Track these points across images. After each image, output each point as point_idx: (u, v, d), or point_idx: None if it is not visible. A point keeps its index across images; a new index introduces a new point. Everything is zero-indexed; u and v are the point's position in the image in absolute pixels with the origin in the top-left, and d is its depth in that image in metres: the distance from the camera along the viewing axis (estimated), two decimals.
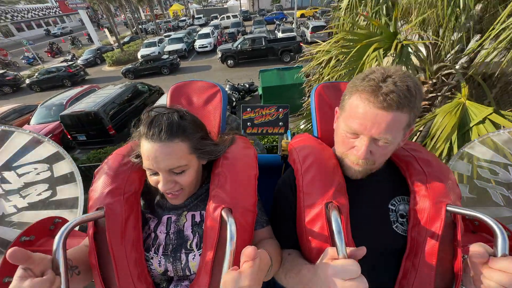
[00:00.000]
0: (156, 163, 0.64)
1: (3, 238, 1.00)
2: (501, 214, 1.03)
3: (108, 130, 6.79)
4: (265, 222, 0.78)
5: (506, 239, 0.51)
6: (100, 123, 6.65)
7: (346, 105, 0.66)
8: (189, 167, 0.69)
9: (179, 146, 0.65)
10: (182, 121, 0.68)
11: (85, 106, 6.77)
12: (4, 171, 1.02)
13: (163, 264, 0.71)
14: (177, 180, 0.68)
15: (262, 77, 7.44)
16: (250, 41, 13.59)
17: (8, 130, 1.05)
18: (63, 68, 14.61)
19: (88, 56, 19.31)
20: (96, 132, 6.82)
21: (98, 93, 7.82)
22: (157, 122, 0.65)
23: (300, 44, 13.60)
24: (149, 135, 0.64)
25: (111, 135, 6.86)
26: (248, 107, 1.32)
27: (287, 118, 1.34)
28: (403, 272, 0.66)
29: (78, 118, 6.62)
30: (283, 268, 0.70)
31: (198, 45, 17.90)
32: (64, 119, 6.71)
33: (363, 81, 0.61)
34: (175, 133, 0.65)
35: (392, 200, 0.72)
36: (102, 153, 5.16)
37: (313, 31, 15.85)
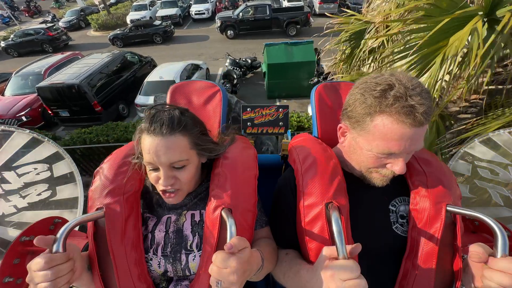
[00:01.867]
0: (157, 157, 0.64)
1: (3, 238, 1.00)
2: (501, 214, 1.03)
3: (93, 106, 5.95)
4: (264, 222, 0.78)
5: (506, 240, 0.51)
6: (84, 98, 5.80)
7: (369, 127, 0.61)
8: (190, 162, 0.69)
9: (180, 140, 0.66)
10: (183, 117, 0.69)
11: (66, 77, 5.86)
12: (4, 171, 1.02)
13: (162, 265, 0.71)
14: (178, 176, 0.68)
15: (267, 52, 6.53)
16: (253, 8, 12.21)
17: (8, 130, 1.05)
18: (42, 31, 12.99)
19: (71, 18, 17.20)
20: (80, 108, 6.00)
21: (81, 62, 6.77)
22: (158, 117, 0.66)
23: (308, 15, 12.23)
24: (150, 129, 0.64)
25: (97, 111, 6.05)
26: (248, 107, 1.32)
27: (287, 118, 1.34)
28: (403, 272, 0.66)
29: (58, 91, 5.73)
30: (281, 268, 0.70)
31: (194, 11, 15.80)
32: (42, 92, 5.83)
33: (385, 99, 0.57)
34: (176, 127, 0.66)
35: (393, 201, 0.72)
36: (87, 133, 4.59)
37: (322, 1, 14.30)
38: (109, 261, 0.65)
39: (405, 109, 0.55)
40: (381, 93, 0.58)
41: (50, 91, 5.84)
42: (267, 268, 0.68)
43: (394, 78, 0.59)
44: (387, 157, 0.63)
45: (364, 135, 0.64)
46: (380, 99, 0.58)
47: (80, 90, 5.76)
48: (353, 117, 0.65)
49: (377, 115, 0.59)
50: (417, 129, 0.57)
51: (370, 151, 0.63)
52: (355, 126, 0.66)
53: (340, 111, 0.75)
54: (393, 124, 0.57)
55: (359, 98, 0.63)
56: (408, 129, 0.57)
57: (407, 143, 0.58)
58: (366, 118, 0.61)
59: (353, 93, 0.67)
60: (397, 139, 0.58)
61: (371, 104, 0.60)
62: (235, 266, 0.49)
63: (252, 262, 0.57)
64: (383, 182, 0.69)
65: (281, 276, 0.69)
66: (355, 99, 0.65)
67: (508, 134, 1.04)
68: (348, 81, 1.00)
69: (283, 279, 0.69)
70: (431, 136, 1.98)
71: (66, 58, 7.90)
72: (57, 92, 5.81)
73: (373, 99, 0.59)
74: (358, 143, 0.67)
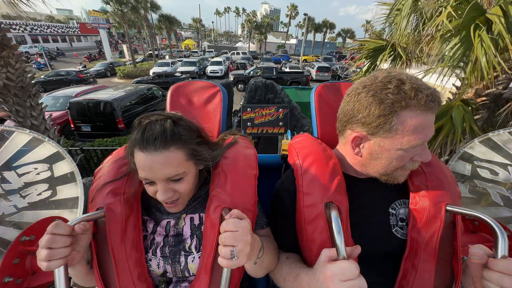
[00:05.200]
0: (153, 173, 0.61)
1: (3, 238, 1.00)
2: (501, 214, 1.03)
3: (118, 123, 6.44)
4: (265, 223, 0.78)
5: (506, 240, 0.51)
6: (111, 114, 6.35)
7: (396, 126, 0.59)
8: (187, 174, 0.67)
9: (175, 154, 0.63)
10: (176, 128, 0.65)
11: (99, 96, 6.47)
12: (4, 171, 1.02)
13: (162, 266, 0.71)
14: (175, 188, 0.66)
15: None
16: (262, 69, 14.53)
17: (8, 130, 1.05)
18: (74, 73, 14.76)
19: (100, 68, 19.79)
20: (104, 123, 6.47)
21: (112, 88, 7.57)
22: (150, 131, 0.62)
23: (308, 78, 14.68)
24: (143, 145, 0.60)
25: (119, 128, 6.49)
26: (248, 107, 1.32)
27: (287, 118, 1.34)
28: (402, 273, 0.66)
29: (88, 106, 6.31)
30: (281, 272, 0.69)
31: (210, 70, 19.09)
32: (73, 106, 6.42)
33: (404, 93, 0.58)
34: (170, 141, 0.62)
35: (393, 204, 0.72)
36: (109, 141, 4.85)
37: (318, 70, 18.32)
38: (109, 260, 0.65)
39: (430, 97, 0.58)
40: (397, 89, 0.58)
41: (81, 106, 6.35)
42: (268, 259, 0.67)
43: (397, 73, 0.61)
44: (414, 150, 0.63)
45: (390, 136, 0.61)
46: (400, 94, 0.58)
47: (110, 106, 6.28)
48: (370, 122, 0.62)
49: (402, 111, 0.58)
50: (433, 115, 0.61)
51: (400, 150, 0.62)
52: (376, 131, 0.62)
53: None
54: (422, 114, 0.59)
55: (372, 102, 0.61)
56: (433, 115, 0.61)
57: (432, 128, 0.62)
58: (391, 117, 0.59)
59: (358, 99, 0.64)
60: (427, 128, 0.60)
61: (393, 102, 0.58)
62: (247, 226, 0.52)
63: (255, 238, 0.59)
64: (405, 176, 0.71)
65: (281, 280, 0.69)
66: (367, 103, 0.62)
67: (508, 134, 1.04)
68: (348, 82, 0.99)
69: (283, 283, 0.68)
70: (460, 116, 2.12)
71: (96, 88, 8.51)
72: (87, 107, 6.32)
73: (392, 97, 0.58)
74: (383, 146, 0.63)
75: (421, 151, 0.63)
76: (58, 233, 0.53)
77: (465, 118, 2.14)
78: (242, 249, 0.50)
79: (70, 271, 0.61)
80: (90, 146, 4.55)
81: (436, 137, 2.27)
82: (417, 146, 0.62)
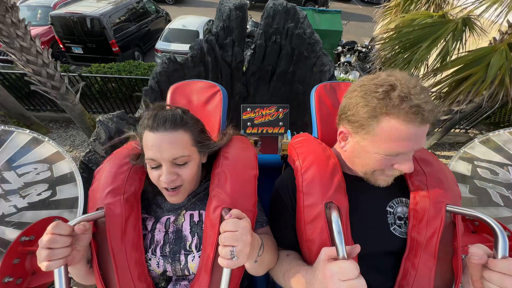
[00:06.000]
0: (160, 152, 0.64)
1: (3, 238, 1.00)
2: (501, 214, 1.03)
3: (111, 45, 5.53)
4: (264, 222, 0.79)
5: (506, 241, 0.51)
6: (102, 34, 5.38)
7: (376, 130, 0.60)
8: (191, 159, 0.70)
9: (183, 135, 0.68)
10: (185, 115, 0.71)
11: (83, 9, 5.30)
12: (4, 171, 1.02)
13: (161, 265, 0.71)
14: (179, 173, 0.68)
15: None
16: None
17: (8, 130, 1.05)
18: None
19: None
20: (96, 45, 5.54)
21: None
22: (161, 115, 0.68)
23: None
24: (154, 126, 0.66)
25: (114, 52, 5.64)
26: (248, 107, 1.32)
27: (287, 118, 1.34)
28: (402, 272, 0.66)
29: (74, 23, 5.22)
30: (281, 268, 0.70)
31: None
32: (56, 21, 5.27)
33: (389, 100, 0.57)
34: (179, 124, 0.68)
35: (391, 202, 0.72)
36: (107, 67, 4.28)
37: None
38: (109, 260, 0.65)
39: (413, 109, 0.55)
40: (384, 94, 0.58)
41: (65, 22, 5.25)
42: (268, 257, 0.68)
43: (394, 78, 0.59)
44: (394, 158, 0.62)
45: (369, 138, 0.63)
46: (385, 100, 0.57)
47: (100, 24, 5.24)
48: (355, 121, 0.64)
49: (382, 117, 0.58)
50: (423, 127, 0.58)
51: (377, 154, 0.63)
52: (358, 130, 0.65)
53: None
54: (401, 125, 0.57)
55: (360, 102, 0.62)
56: (416, 128, 0.57)
57: (415, 141, 0.59)
58: (371, 121, 0.60)
59: (351, 96, 0.66)
60: (406, 139, 0.58)
61: (376, 107, 0.58)
62: (246, 226, 0.53)
63: (255, 237, 0.59)
64: (388, 182, 0.69)
65: (281, 276, 0.69)
66: (356, 102, 0.63)
67: (508, 134, 1.04)
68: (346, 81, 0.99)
69: (282, 279, 0.69)
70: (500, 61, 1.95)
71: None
72: (73, 24, 5.27)
73: (377, 101, 0.58)
74: (363, 147, 0.65)
75: (402, 160, 0.62)
76: (58, 233, 0.53)
77: (502, 68, 1.91)
78: (242, 249, 0.50)
79: (70, 270, 0.61)
80: (88, 73, 4.16)
81: (460, 84, 2.11)
82: (395, 155, 0.61)
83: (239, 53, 2.73)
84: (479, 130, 4.87)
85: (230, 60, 2.73)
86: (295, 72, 2.84)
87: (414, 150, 0.62)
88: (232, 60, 2.74)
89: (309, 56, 2.63)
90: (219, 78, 2.84)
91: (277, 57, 2.77)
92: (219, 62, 2.70)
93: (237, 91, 3.06)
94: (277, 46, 2.67)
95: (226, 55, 2.68)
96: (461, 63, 2.14)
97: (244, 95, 3.14)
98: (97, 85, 4.15)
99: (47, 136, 1.11)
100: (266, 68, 2.88)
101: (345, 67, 6.00)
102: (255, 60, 2.82)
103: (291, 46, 2.64)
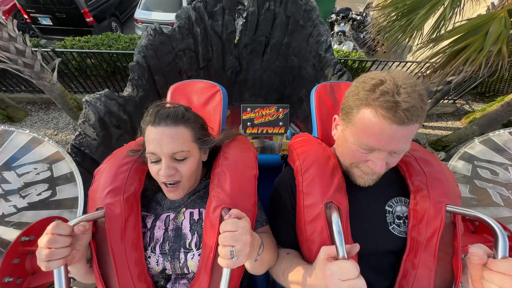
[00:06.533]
0: (160, 146, 0.66)
1: (3, 238, 1.00)
2: (501, 214, 1.03)
3: (84, 15, 4.81)
4: (264, 221, 0.79)
5: (506, 241, 0.51)
6: (72, 1, 4.66)
7: (355, 119, 0.61)
8: (191, 155, 0.70)
9: (184, 131, 0.69)
10: (186, 112, 0.73)
11: None
12: (4, 171, 1.02)
13: (161, 263, 0.71)
14: (178, 168, 0.69)
15: None
16: None
17: (8, 130, 1.05)
18: None
19: None
20: (66, 15, 4.84)
21: None
22: (163, 111, 0.70)
23: None
24: (155, 121, 0.68)
25: (88, 23, 4.94)
26: (248, 107, 1.33)
27: (287, 118, 1.34)
28: (402, 272, 0.66)
29: None
30: (281, 267, 0.70)
31: None
32: None
33: (373, 93, 0.57)
34: (181, 119, 0.69)
35: (389, 202, 0.72)
36: (83, 41, 3.79)
37: None
38: (109, 260, 0.65)
39: (388, 104, 0.54)
40: (371, 87, 0.58)
41: None
42: (268, 256, 0.68)
43: (389, 76, 0.59)
44: (368, 153, 0.63)
45: (350, 127, 0.64)
46: (369, 92, 0.58)
47: None
48: (344, 109, 0.67)
49: (362, 107, 0.59)
50: (398, 127, 0.55)
51: (353, 144, 0.64)
52: (344, 117, 0.67)
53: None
54: (374, 118, 0.57)
55: (352, 91, 0.64)
56: (388, 125, 0.55)
57: (387, 139, 0.57)
58: (353, 110, 0.62)
59: (350, 87, 0.68)
60: (377, 134, 0.58)
61: (361, 97, 0.60)
62: (246, 226, 0.53)
63: (254, 236, 0.59)
64: (365, 181, 0.68)
65: (280, 274, 0.69)
66: (349, 92, 0.66)
67: (508, 134, 1.04)
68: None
69: (282, 277, 0.69)
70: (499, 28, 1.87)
71: None
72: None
73: (363, 93, 0.60)
74: (345, 135, 0.67)
75: (375, 159, 0.61)
76: (58, 233, 0.54)
77: (501, 36, 1.82)
78: (242, 249, 0.50)
79: (70, 269, 0.61)
80: (62, 48, 3.63)
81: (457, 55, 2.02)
82: (369, 149, 0.61)
83: (230, 22, 2.53)
84: (465, 100, 4.84)
85: (220, 30, 2.54)
86: (290, 43, 2.68)
87: (390, 151, 0.60)
88: (222, 30, 2.55)
89: (305, 25, 2.45)
90: (209, 50, 2.66)
91: (270, 26, 2.59)
92: (208, 33, 2.51)
93: (229, 65, 2.89)
94: (271, 14, 2.48)
95: (216, 25, 2.49)
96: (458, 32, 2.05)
97: (237, 70, 2.97)
98: (74, 61, 3.66)
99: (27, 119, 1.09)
100: (259, 39, 2.70)
101: (339, 37, 5.73)
102: (247, 30, 2.61)
103: (285, 13, 2.46)
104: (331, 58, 2.34)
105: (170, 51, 2.39)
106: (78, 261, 0.62)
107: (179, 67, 2.58)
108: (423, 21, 2.13)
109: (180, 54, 2.50)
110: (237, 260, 0.50)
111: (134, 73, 2.16)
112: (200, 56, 2.66)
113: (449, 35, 2.10)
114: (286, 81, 3.08)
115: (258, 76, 3.08)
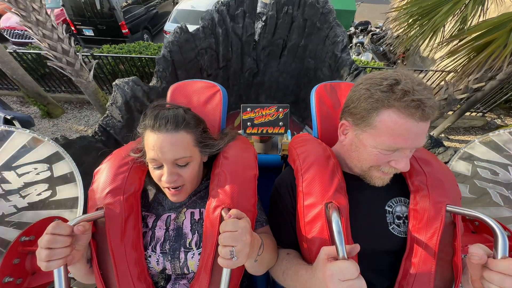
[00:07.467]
0: (162, 153, 0.65)
1: (3, 238, 1.00)
2: (501, 214, 1.03)
3: (121, 27, 5.69)
4: (264, 221, 0.79)
5: (506, 240, 0.51)
6: (112, 16, 5.57)
7: (375, 123, 0.60)
8: (193, 159, 0.70)
9: (184, 136, 0.68)
10: (186, 115, 0.71)
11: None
12: (4, 171, 1.02)
13: (161, 263, 0.71)
14: (181, 173, 0.68)
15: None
16: None
17: (8, 130, 1.05)
18: None
19: None
20: (106, 27, 5.77)
21: None
22: (163, 115, 0.68)
23: None
24: (155, 126, 0.66)
25: (124, 34, 5.80)
26: (248, 107, 1.33)
27: (287, 118, 1.34)
28: (402, 273, 0.66)
29: (84, 4, 5.46)
30: (281, 267, 0.70)
31: None
32: (67, 3, 5.48)
33: (392, 93, 0.57)
34: (181, 124, 0.67)
35: (389, 202, 0.72)
36: (118, 48, 4.49)
37: None
38: (109, 260, 0.65)
39: (414, 102, 0.55)
40: (388, 87, 0.58)
41: (76, 3, 5.48)
42: (268, 256, 0.68)
43: (400, 73, 0.59)
44: (391, 154, 0.62)
45: (369, 131, 0.63)
46: (388, 93, 0.58)
47: (109, 5, 5.42)
48: (357, 113, 0.64)
49: (384, 109, 0.59)
50: (423, 124, 0.57)
51: (375, 148, 0.63)
52: (359, 122, 0.65)
53: (340, 111, 0.74)
54: (401, 118, 0.57)
55: (364, 94, 0.62)
56: (416, 123, 0.57)
57: (413, 138, 0.58)
58: (372, 113, 0.60)
59: (356, 89, 0.66)
60: (404, 134, 0.58)
61: (378, 99, 0.59)
62: (246, 226, 0.53)
63: (254, 236, 0.59)
64: (383, 181, 0.68)
65: (280, 274, 0.69)
66: (359, 94, 0.64)
67: (508, 134, 1.04)
68: None
69: (281, 277, 0.69)
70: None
71: None
72: (84, 6, 5.50)
73: (380, 94, 0.59)
74: (361, 140, 0.65)
75: (399, 158, 0.62)
76: (58, 233, 0.54)
77: None
78: (242, 249, 0.50)
79: (70, 269, 0.61)
80: (99, 53, 4.29)
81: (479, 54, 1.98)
82: (392, 150, 0.61)
83: (250, 25, 2.66)
84: (497, 114, 4.45)
85: (241, 32, 2.67)
86: (306, 45, 2.76)
87: (412, 148, 0.61)
88: (242, 32, 2.68)
89: (322, 27, 2.54)
90: (229, 51, 2.78)
91: (288, 29, 2.69)
92: (229, 34, 2.65)
93: (247, 66, 2.99)
94: (289, 18, 2.60)
95: (236, 27, 2.62)
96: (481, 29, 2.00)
97: (254, 71, 3.06)
98: (109, 66, 4.22)
99: (63, 116, 1.09)
100: (277, 42, 2.79)
101: (358, 48, 5.79)
102: (266, 33, 2.73)
103: (303, 17, 2.56)
104: (347, 58, 2.38)
105: (193, 49, 2.53)
106: (78, 261, 0.62)
107: (200, 64, 2.71)
108: (444, 20, 2.09)
109: (202, 52, 2.64)
110: (237, 260, 0.50)
111: (160, 65, 2.31)
112: (221, 55, 2.78)
113: (470, 31, 2.05)
114: (302, 83, 3.14)
115: (275, 79, 3.16)
